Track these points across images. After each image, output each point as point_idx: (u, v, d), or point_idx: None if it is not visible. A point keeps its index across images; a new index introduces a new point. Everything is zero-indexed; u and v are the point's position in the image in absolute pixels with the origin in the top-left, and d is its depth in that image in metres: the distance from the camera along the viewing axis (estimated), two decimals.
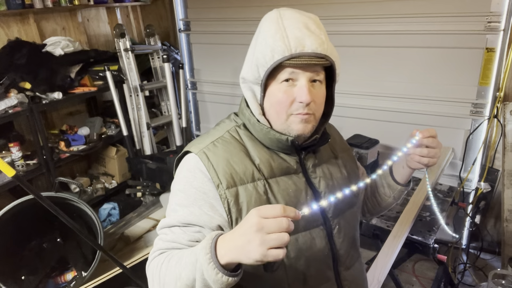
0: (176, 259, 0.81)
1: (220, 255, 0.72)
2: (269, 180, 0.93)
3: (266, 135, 0.94)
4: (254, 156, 0.95)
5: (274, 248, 0.67)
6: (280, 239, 0.67)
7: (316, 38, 0.86)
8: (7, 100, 2.54)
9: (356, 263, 1.11)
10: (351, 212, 1.07)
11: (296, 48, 0.84)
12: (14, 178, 1.55)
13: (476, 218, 2.68)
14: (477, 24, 2.37)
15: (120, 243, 2.74)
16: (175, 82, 3.54)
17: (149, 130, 3.30)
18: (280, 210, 0.69)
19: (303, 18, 0.89)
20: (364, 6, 2.67)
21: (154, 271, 0.85)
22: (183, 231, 0.89)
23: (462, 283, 2.56)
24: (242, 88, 0.98)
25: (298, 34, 0.85)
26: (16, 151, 2.65)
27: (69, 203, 2.36)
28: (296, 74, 0.88)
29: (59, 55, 2.89)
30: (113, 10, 3.67)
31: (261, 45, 0.89)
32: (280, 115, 0.91)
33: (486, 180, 2.60)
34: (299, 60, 0.85)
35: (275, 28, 0.87)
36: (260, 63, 0.88)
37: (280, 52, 0.85)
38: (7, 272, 2.24)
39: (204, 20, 3.48)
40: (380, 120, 2.85)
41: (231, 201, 0.89)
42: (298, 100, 0.88)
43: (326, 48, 0.87)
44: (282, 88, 0.89)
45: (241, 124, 1.00)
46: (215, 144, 0.95)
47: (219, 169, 0.90)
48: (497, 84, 2.42)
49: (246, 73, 0.94)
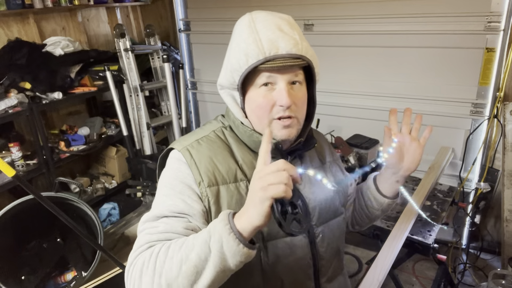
0: (179, 243, 0.73)
1: (236, 223, 0.69)
2: None
3: (250, 137, 0.93)
4: (238, 156, 0.94)
5: (274, 184, 0.66)
6: (278, 176, 0.67)
7: (290, 39, 0.84)
8: (7, 100, 2.54)
9: (340, 276, 1.09)
10: (336, 222, 1.05)
11: (270, 51, 0.83)
12: (14, 178, 1.55)
13: (476, 218, 2.68)
14: (477, 24, 2.37)
15: (120, 243, 2.74)
16: (175, 82, 3.53)
17: (149, 130, 3.30)
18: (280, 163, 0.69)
19: (276, 20, 0.87)
20: (364, 6, 2.67)
21: (145, 265, 0.74)
22: (175, 220, 0.82)
23: (462, 283, 2.56)
24: (221, 95, 0.97)
25: (271, 36, 0.84)
26: (16, 151, 2.65)
27: (69, 203, 2.36)
28: (274, 78, 0.86)
29: (59, 55, 2.89)
30: (113, 10, 3.67)
31: (235, 50, 0.88)
32: (262, 120, 0.90)
33: (486, 180, 2.60)
34: (275, 62, 0.84)
35: (248, 32, 0.86)
36: (234, 68, 0.87)
37: (254, 56, 0.84)
38: (7, 272, 2.24)
39: (204, 20, 3.48)
40: (380, 120, 2.85)
41: (211, 200, 0.87)
42: (278, 104, 0.87)
43: (301, 48, 0.85)
44: (261, 92, 0.88)
45: (227, 126, 0.99)
46: (200, 142, 0.94)
47: (201, 166, 0.89)
48: (497, 84, 2.42)
49: (222, 79, 0.93)
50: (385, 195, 1.12)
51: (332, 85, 2.88)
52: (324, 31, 2.81)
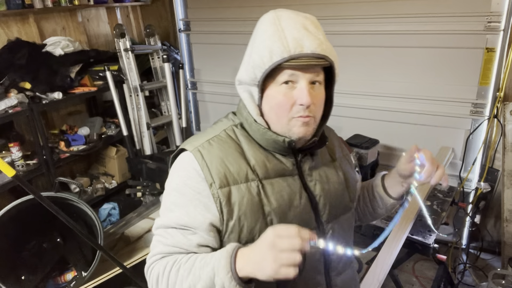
0: (187, 268, 0.83)
1: (238, 268, 0.77)
2: (263, 181, 0.92)
3: (263, 135, 0.93)
4: (249, 156, 0.94)
5: (286, 266, 0.72)
6: (291, 258, 0.72)
7: (315, 39, 0.85)
8: (7, 100, 2.53)
9: (348, 269, 1.10)
10: (345, 218, 1.06)
11: (295, 49, 0.83)
12: (14, 178, 1.55)
13: (476, 218, 2.69)
14: (477, 24, 2.37)
15: (120, 243, 2.73)
16: (175, 82, 3.54)
17: (149, 130, 3.30)
18: (294, 230, 0.73)
19: (301, 19, 0.88)
20: (364, 6, 2.67)
21: (160, 277, 0.86)
22: (181, 234, 0.89)
23: (462, 283, 2.56)
24: (238, 90, 0.97)
25: (297, 35, 0.84)
26: (16, 151, 2.65)
27: (69, 203, 2.36)
28: (296, 76, 0.86)
29: (59, 55, 2.88)
30: (113, 10, 3.67)
31: (259, 46, 0.88)
32: (281, 119, 0.90)
33: (486, 180, 2.60)
34: (298, 61, 0.84)
35: (273, 30, 0.86)
36: (257, 64, 0.87)
37: (278, 54, 0.84)
38: (7, 272, 2.24)
39: (204, 20, 3.48)
40: (380, 120, 2.85)
41: (223, 201, 0.88)
42: (299, 103, 0.87)
43: (325, 48, 0.85)
44: (282, 90, 0.88)
45: (238, 124, 0.99)
46: (211, 142, 0.94)
47: (213, 168, 0.90)
48: (497, 84, 2.42)
49: (241, 75, 0.93)
50: (390, 195, 1.12)
51: None
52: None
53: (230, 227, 0.89)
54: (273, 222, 0.91)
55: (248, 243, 0.89)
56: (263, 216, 0.90)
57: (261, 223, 0.90)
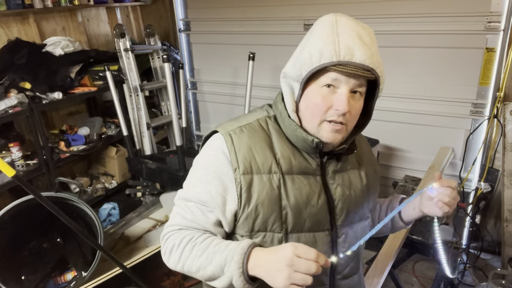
0: (201, 249, 0.88)
1: (249, 267, 0.81)
2: (285, 175, 0.94)
3: (294, 132, 0.94)
4: (277, 149, 0.96)
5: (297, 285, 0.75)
6: (304, 280, 0.75)
7: (367, 50, 0.86)
8: (7, 100, 2.54)
9: (355, 275, 1.10)
10: (361, 226, 1.06)
11: (345, 56, 0.84)
12: (14, 178, 1.55)
13: (476, 218, 2.68)
14: (477, 24, 2.37)
15: (120, 243, 2.74)
16: (175, 82, 3.54)
17: (149, 130, 3.30)
18: (314, 254, 0.76)
19: (358, 28, 0.89)
20: (364, 6, 2.67)
21: (175, 247, 0.91)
22: (200, 210, 0.93)
23: (462, 283, 2.56)
24: (281, 83, 0.97)
25: (350, 42, 0.85)
26: (16, 151, 2.65)
27: (69, 203, 2.36)
28: (339, 82, 0.87)
29: (59, 55, 2.89)
30: (113, 10, 3.67)
31: (311, 45, 0.88)
32: (314, 119, 0.91)
33: (486, 180, 2.60)
34: (345, 68, 0.85)
35: (328, 32, 0.87)
36: (305, 62, 0.88)
37: (328, 56, 0.85)
38: (7, 272, 2.24)
39: (204, 20, 3.48)
40: (380, 120, 2.85)
41: (243, 187, 0.91)
42: (335, 108, 0.88)
43: (375, 61, 0.86)
44: (322, 92, 0.89)
45: (272, 116, 1.01)
46: (242, 129, 0.96)
47: (240, 154, 0.93)
48: (497, 84, 2.42)
49: (288, 69, 0.94)
50: (402, 219, 1.14)
51: None
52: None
53: (246, 213, 0.92)
54: (288, 216, 0.93)
55: (261, 231, 0.94)
56: (279, 208, 0.93)
57: (276, 215, 0.93)
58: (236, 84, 3.42)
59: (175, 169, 2.90)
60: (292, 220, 0.93)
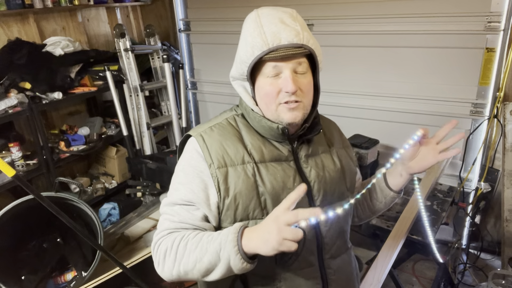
0: (194, 243, 0.89)
1: (243, 244, 0.83)
2: (259, 164, 0.99)
3: (259, 123, 1.00)
4: (247, 141, 1.02)
5: (289, 240, 0.78)
6: (294, 232, 0.78)
7: (291, 30, 0.91)
8: (7, 100, 2.54)
9: (344, 254, 1.13)
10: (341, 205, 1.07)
11: (273, 42, 0.90)
12: (14, 178, 1.55)
13: (476, 218, 2.69)
14: (477, 24, 2.37)
15: (120, 243, 2.74)
16: (175, 82, 3.54)
17: (149, 130, 3.30)
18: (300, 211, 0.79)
19: (279, 14, 0.94)
20: (364, 6, 2.67)
21: (168, 250, 0.92)
22: (186, 210, 0.97)
23: (462, 283, 2.56)
24: (234, 86, 1.05)
25: (274, 29, 0.91)
26: (16, 151, 2.65)
27: (69, 203, 2.36)
28: (280, 67, 0.93)
29: (59, 55, 2.89)
30: (113, 10, 3.67)
31: (242, 43, 0.96)
32: (270, 106, 0.97)
33: (486, 180, 2.60)
34: (278, 52, 0.91)
35: (253, 27, 0.93)
36: (243, 60, 0.95)
37: (258, 48, 0.91)
38: (7, 272, 2.24)
39: (204, 20, 3.48)
40: (380, 120, 2.85)
41: (220, 180, 0.96)
42: (284, 90, 0.93)
43: (302, 37, 0.91)
44: (269, 81, 0.95)
45: (240, 114, 1.07)
46: (212, 128, 1.03)
47: (212, 150, 0.98)
48: (497, 84, 2.42)
49: (233, 71, 1.03)
50: (390, 188, 1.15)
51: (332, 85, 2.88)
52: (324, 31, 2.81)
53: (227, 204, 0.96)
54: (267, 201, 0.98)
55: (243, 220, 0.98)
56: (257, 195, 0.97)
57: (255, 202, 0.97)
58: None
59: None
60: (272, 205, 0.97)
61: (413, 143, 1.05)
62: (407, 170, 1.10)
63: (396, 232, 1.77)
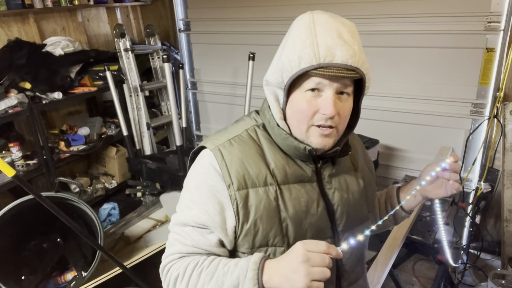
0: (209, 273, 0.83)
1: (264, 280, 0.77)
2: (282, 186, 0.90)
3: (285, 140, 0.91)
4: (270, 159, 0.92)
5: (316, 281, 0.73)
6: (323, 273, 0.73)
7: (348, 49, 0.81)
8: (7, 100, 2.54)
9: (360, 279, 1.08)
10: (362, 228, 1.02)
11: (325, 57, 0.80)
12: (14, 178, 1.55)
13: (476, 218, 2.68)
14: (477, 24, 2.37)
15: (120, 243, 2.74)
16: (175, 82, 3.53)
17: (149, 130, 3.30)
18: (324, 246, 0.75)
19: (338, 25, 0.84)
20: (364, 6, 2.67)
21: (180, 278, 0.86)
22: (199, 233, 0.88)
23: (462, 283, 2.56)
24: (265, 91, 0.94)
25: (330, 42, 0.80)
26: (16, 151, 2.65)
27: (69, 203, 2.36)
28: (323, 85, 0.83)
29: (59, 55, 2.89)
30: (113, 10, 3.67)
31: (289, 49, 0.84)
32: (301, 125, 0.88)
33: (486, 180, 2.60)
34: (327, 70, 0.80)
35: (306, 33, 0.83)
36: (285, 68, 0.84)
37: (307, 60, 0.81)
38: (7, 272, 2.24)
39: (204, 20, 3.48)
40: (380, 120, 2.85)
41: (240, 203, 0.87)
42: (322, 112, 0.84)
43: (358, 60, 0.81)
44: (306, 97, 0.85)
45: (260, 124, 0.97)
46: (232, 142, 0.92)
47: (232, 169, 0.88)
48: (497, 84, 2.42)
49: (270, 76, 0.91)
50: (403, 208, 1.13)
51: None
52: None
53: (245, 230, 0.88)
54: (289, 228, 0.90)
55: (262, 246, 0.89)
56: (279, 221, 0.89)
57: (276, 228, 0.89)
58: (236, 84, 3.42)
59: (175, 169, 2.91)
60: (293, 231, 0.90)
61: (440, 170, 0.98)
62: (422, 193, 1.05)
63: (396, 232, 1.78)
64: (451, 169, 0.97)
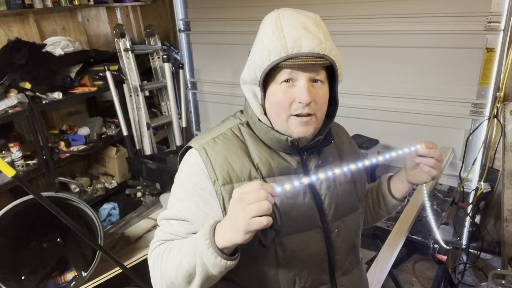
0: (177, 248, 0.85)
1: (217, 239, 0.77)
2: (267, 179, 0.93)
3: (267, 134, 0.94)
4: (254, 154, 0.95)
5: (257, 216, 0.72)
6: (259, 206, 0.72)
7: (314, 38, 0.84)
8: (7, 100, 2.54)
9: (355, 269, 1.09)
10: (352, 217, 1.05)
11: (292, 48, 0.84)
12: (14, 178, 1.55)
13: (476, 218, 2.68)
14: (477, 24, 2.37)
15: (120, 243, 2.74)
16: (175, 82, 3.54)
17: (149, 130, 3.30)
18: (257, 184, 0.74)
19: (302, 18, 0.87)
20: (364, 6, 2.67)
21: (156, 261, 0.89)
22: (180, 224, 0.92)
23: (462, 283, 2.57)
24: (243, 89, 0.97)
25: (295, 34, 0.84)
26: (16, 151, 2.65)
27: (69, 203, 2.37)
28: (295, 74, 0.87)
29: (59, 55, 2.89)
30: (113, 10, 3.67)
31: (259, 46, 0.89)
32: (280, 116, 0.91)
33: (486, 180, 2.60)
34: (296, 60, 0.84)
35: (273, 29, 0.87)
36: (257, 64, 0.88)
37: (276, 53, 0.85)
38: (8, 272, 2.24)
39: (204, 20, 3.48)
40: (380, 120, 2.85)
41: (226, 198, 0.89)
42: (298, 101, 0.87)
43: (325, 47, 0.85)
44: (282, 88, 0.88)
45: (244, 122, 1.00)
46: (216, 140, 0.95)
47: (217, 165, 0.91)
48: (497, 84, 2.42)
49: (245, 74, 0.95)
50: (394, 196, 1.14)
51: None
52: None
53: None
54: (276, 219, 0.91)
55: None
56: None
57: None
58: (236, 84, 3.41)
59: (175, 169, 2.89)
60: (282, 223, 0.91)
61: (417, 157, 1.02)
62: (407, 178, 1.08)
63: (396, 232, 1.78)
64: (427, 155, 1.00)
